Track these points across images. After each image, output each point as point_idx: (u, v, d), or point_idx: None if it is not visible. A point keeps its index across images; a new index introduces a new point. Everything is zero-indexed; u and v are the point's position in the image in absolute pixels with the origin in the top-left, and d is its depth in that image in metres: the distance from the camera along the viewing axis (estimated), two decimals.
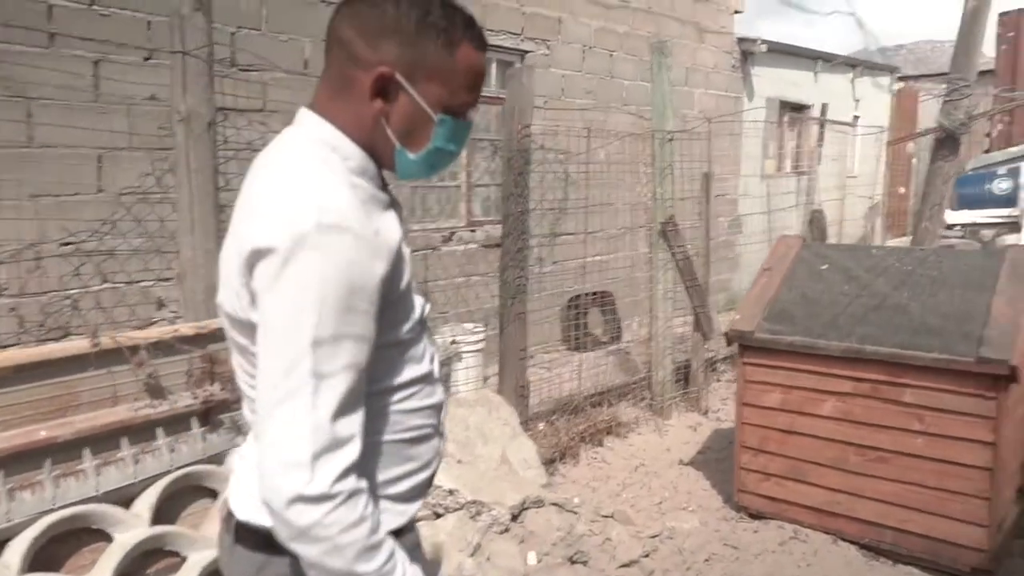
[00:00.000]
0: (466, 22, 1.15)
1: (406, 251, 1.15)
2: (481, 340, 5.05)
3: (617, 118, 6.66)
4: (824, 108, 10.11)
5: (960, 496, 3.08)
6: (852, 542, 3.36)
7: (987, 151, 9.85)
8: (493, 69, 6.16)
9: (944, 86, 3.91)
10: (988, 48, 10.14)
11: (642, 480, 4.13)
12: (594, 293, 6.72)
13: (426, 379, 1.20)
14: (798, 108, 10.40)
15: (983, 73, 11.12)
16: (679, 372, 5.37)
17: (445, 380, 4.71)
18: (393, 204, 1.18)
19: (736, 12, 8.68)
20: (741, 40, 8.77)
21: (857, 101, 12.23)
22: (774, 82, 9.79)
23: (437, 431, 1.24)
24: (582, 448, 4.37)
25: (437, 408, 1.24)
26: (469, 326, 5.10)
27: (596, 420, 4.52)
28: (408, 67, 1.11)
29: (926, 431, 3.14)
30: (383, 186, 1.17)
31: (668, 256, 4.92)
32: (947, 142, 3.83)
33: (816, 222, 6.30)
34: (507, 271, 3.89)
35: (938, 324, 3.14)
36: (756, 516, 3.62)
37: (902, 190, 14.04)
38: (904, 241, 10.19)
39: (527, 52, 6.34)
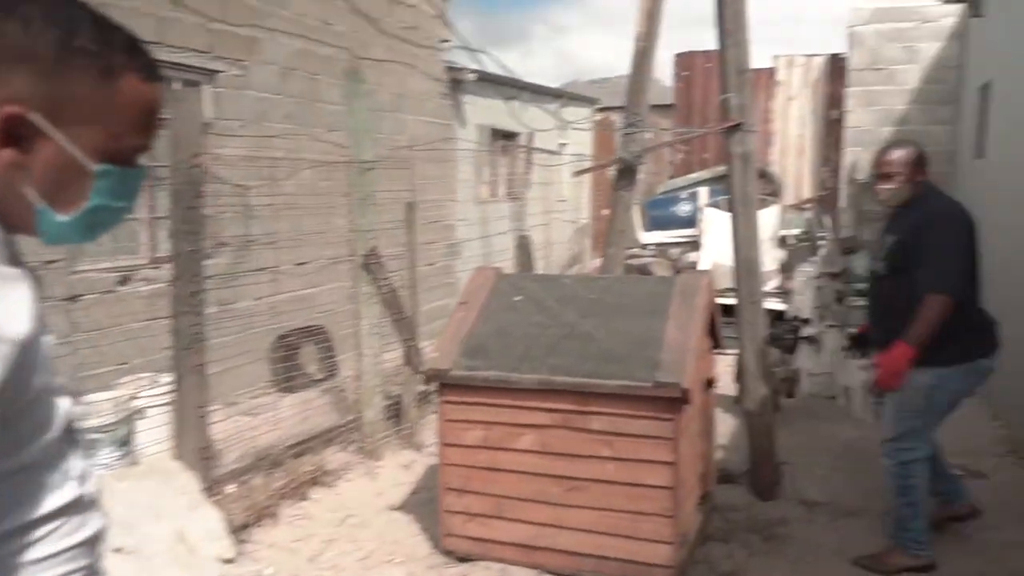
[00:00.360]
0: (128, 44, 0.90)
1: (44, 342, 0.87)
2: (168, 393, 4.47)
3: (321, 145, 6.36)
4: (531, 136, 10.59)
5: (648, 517, 3.18)
6: (556, 574, 3.34)
7: (671, 177, 10.90)
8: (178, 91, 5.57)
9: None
10: (669, 82, 11.32)
11: (349, 534, 3.84)
12: (306, 328, 6.35)
13: (70, 509, 0.92)
14: (509, 136, 10.82)
15: (667, 107, 12.45)
16: (392, 408, 5.17)
17: (124, 443, 4.08)
18: (27, 279, 0.85)
19: (444, 41, 8.78)
20: (451, 68, 8.89)
21: (563, 130, 13.04)
22: (485, 110, 10.08)
23: (92, 573, 0.95)
24: (283, 505, 3.99)
25: (90, 544, 0.95)
26: (152, 377, 4.50)
27: (299, 472, 4.16)
28: (49, 105, 0.85)
29: (616, 457, 3.20)
30: (14, 258, 0.86)
31: (374, 289, 4.71)
32: (627, 172, 3.99)
33: (523, 247, 6.44)
34: (180, 318, 3.43)
35: (622, 351, 3.23)
36: (463, 559, 3.49)
37: (606, 212, 15.30)
38: None
39: (217, 72, 5.83)
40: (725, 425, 5.49)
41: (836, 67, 9.66)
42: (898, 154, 3.45)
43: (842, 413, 5.81)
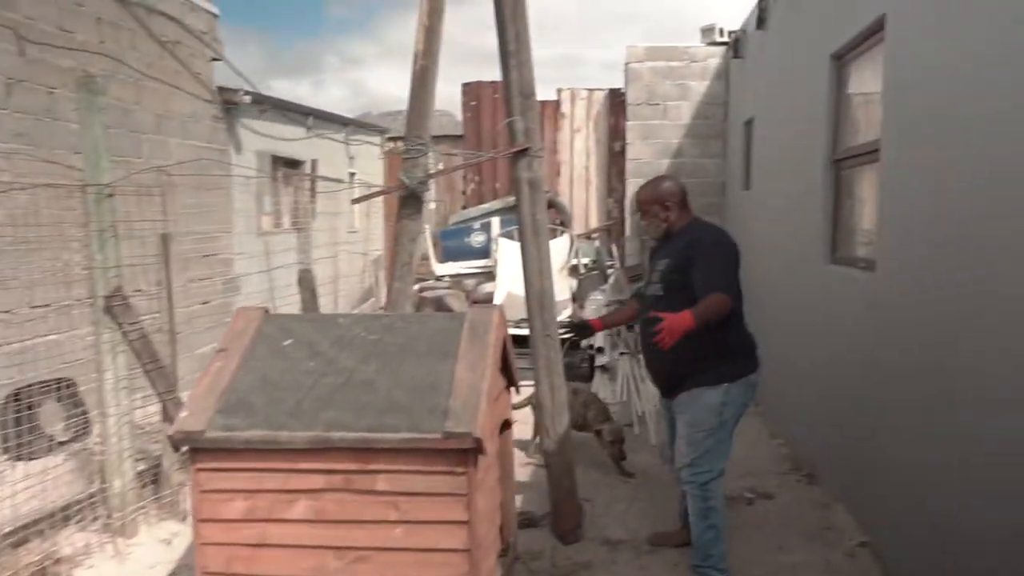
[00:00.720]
0: None
1: None
2: None
3: (63, 169, 5.48)
4: (314, 164, 10.03)
5: None
6: None
7: (464, 207, 10.77)
8: None
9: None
10: (459, 114, 11.23)
11: None
12: (48, 382, 5.39)
13: None
14: (293, 164, 10.18)
15: (460, 138, 12.36)
16: (150, 472, 4.44)
17: None
18: None
19: (214, 59, 8.05)
20: (223, 90, 8.17)
21: (352, 159, 12.56)
22: (265, 136, 9.40)
23: None
24: None
25: None
26: None
27: (17, 566, 3.38)
28: None
29: (404, 520, 2.81)
30: None
31: (120, 335, 4.01)
32: (410, 200, 3.66)
33: (305, 282, 5.91)
34: None
35: (406, 399, 2.86)
36: None
37: None
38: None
39: None
40: (525, 464, 5.27)
41: (616, 101, 10.03)
42: (646, 191, 3.69)
43: (639, 440, 5.81)
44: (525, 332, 8.21)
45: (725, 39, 9.27)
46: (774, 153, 6.59)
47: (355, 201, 4.57)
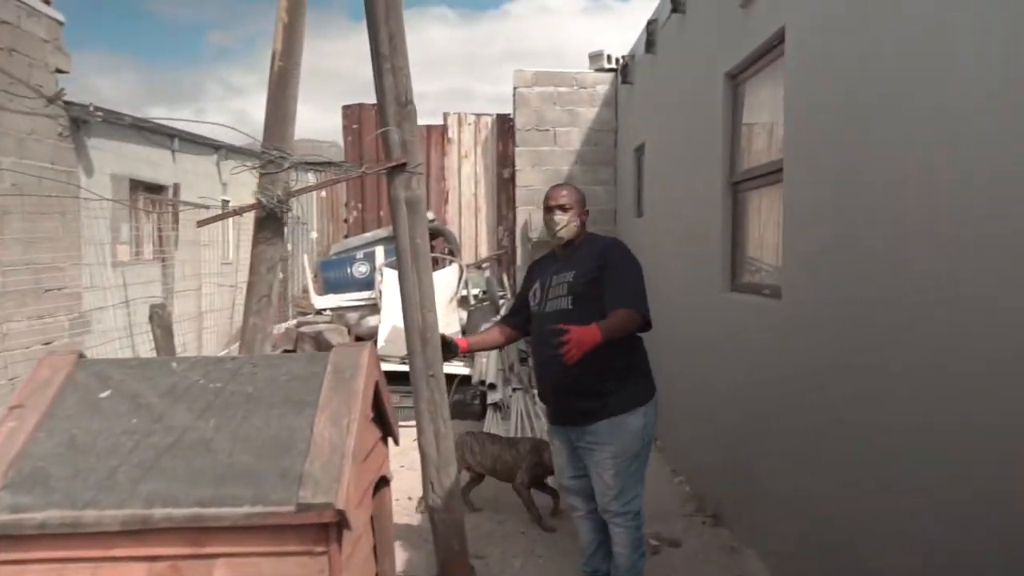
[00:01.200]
0: None
1: None
2: None
3: None
4: (176, 188, 9.21)
5: None
6: None
7: (347, 236, 10.17)
8: None
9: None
10: (339, 140, 10.64)
11: None
12: None
13: None
14: (155, 189, 9.32)
15: (341, 165, 11.76)
16: None
17: None
18: None
19: (59, 71, 7.22)
20: (70, 105, 7.33)
21: (225, 185, 11.74)
22: (122, 158, 8.54)
23: None
24: None
25: None
26: None
27: None
28: None
29: None
30: None
31: None
32: (268, 222, 3.13)
33: (157, 319, 5.21)
34: None
35: (251, 463, 2.32)
36: None
37: (281, 275, 14.08)
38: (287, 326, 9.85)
39: None
40: (410, 520, 4.75)
41: (505, 127, 9.73)
42: (569, 188, 3.47)
43: None
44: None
45: (613, 65, 9.15)
46: (667, 178, 6.39)
47: (201, 224, 3.96)
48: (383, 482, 3.10)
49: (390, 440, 3.04)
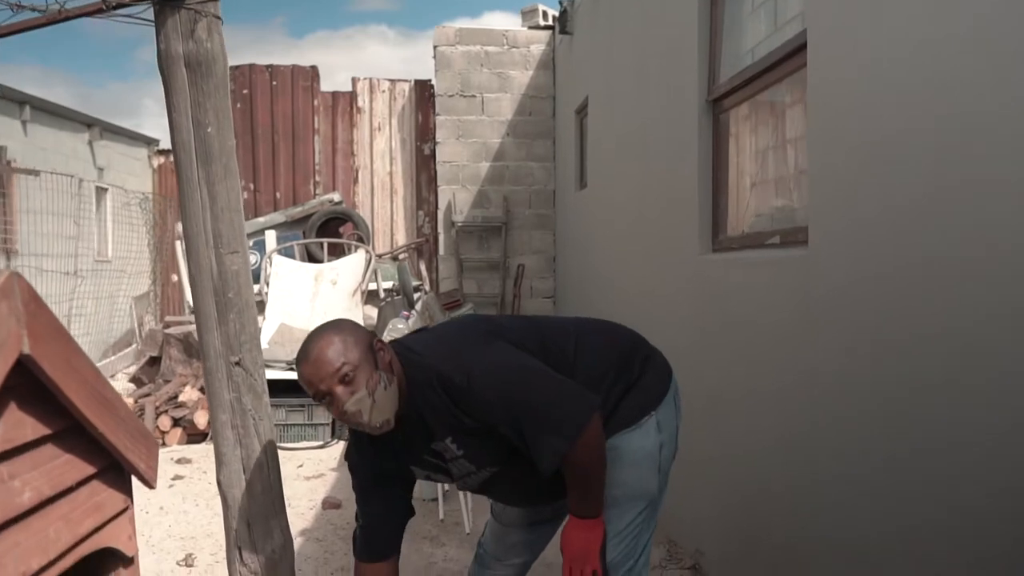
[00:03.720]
0: None
1: None
2: None
3: None
4: (1, 152, 7.48)
5: None
6: None
7: None
8: None
9: None
10: None
11: None
12: None
13: None
14: None
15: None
16: None
17: None
18: None
19: None
20: None
21: (101, 169, 10.04)
22: None
23: None
24: None
25: None
26: None
27: None
28: None
29: None
30: None
31: None
32: None
33: None
34: None
35: None
36: None
37: (175, 278, 12.30)
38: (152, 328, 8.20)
39: None
40: None
41: (425, 94, 8.35)
42: (333, 341, 1.74)
43: (446, 528, 3.95)
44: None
45: (549, 23, 7.87)
46: (618, 129, 5.08)
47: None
48: (112, 561, 1.64)
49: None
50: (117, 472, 1.62)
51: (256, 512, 2.04)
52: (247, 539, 2.03)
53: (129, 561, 1.66)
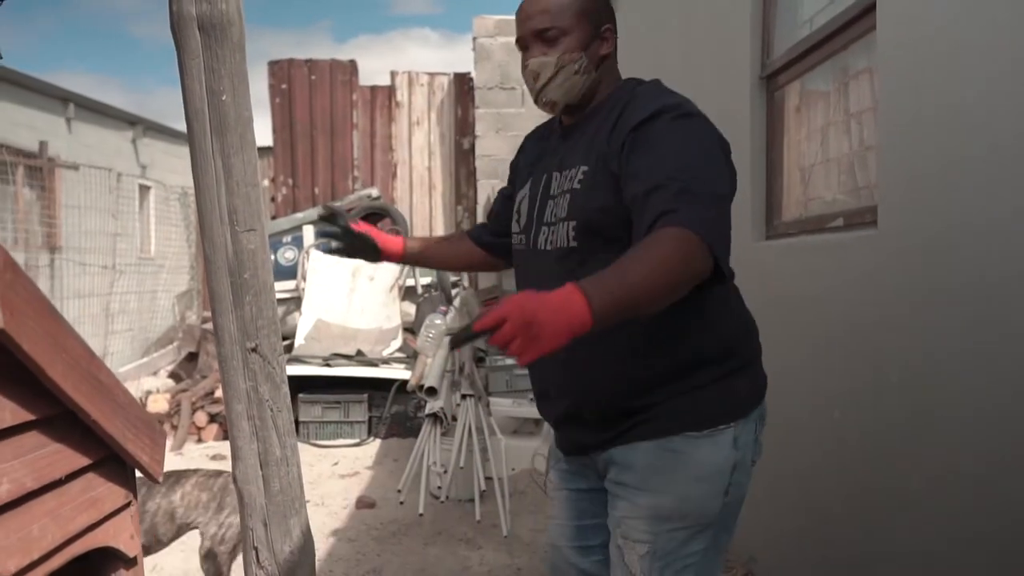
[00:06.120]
0: None
1: None
2: None
3: None
4: (43, 147, 7.50)
5: None
6: None
7: (274, 217, 8.57)
8: None
9: None
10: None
11: None
12: None
13: None
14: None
15: (266, 150, 10.06)
16: None
17: None
18: None
19: None
20: None
21: (144, 167, 10.11)
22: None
23: None
24: None
25: None
26: None
27: None
28: None
29: None
30: None
31: None
32: None
33: None
34: None
35: None
36: None
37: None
38: (190, 323, 8.21)
39: None
40: None
41: (464, 88, 8.21)
42: (559, 5, 1.57)
43: (483, 530, 3.80)
44: (341, 371, 6.12)
45: None
46: None
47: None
48: (112, 561, 1.51)
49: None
50: (117, 465, 1.49)
51: (274, 511, 1.89)
52: (264, 539, 1.89)
53: (132, 562, 1.53)
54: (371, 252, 1.97)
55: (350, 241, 1.96)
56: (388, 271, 6.80)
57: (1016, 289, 1.64)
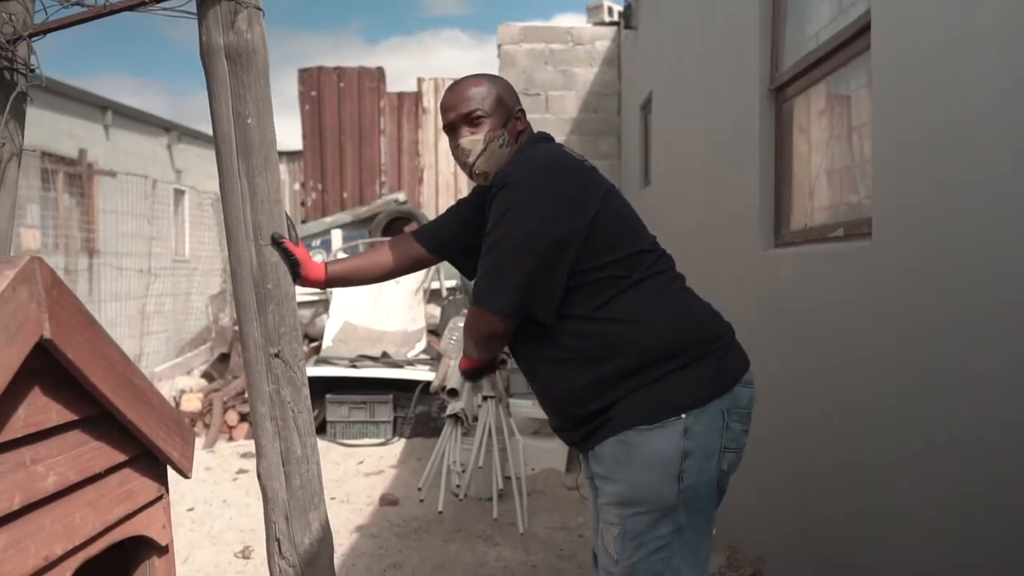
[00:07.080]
0: None
1: None
2: None
3: None
4: (82, 154, 7.80)
5: None
6: None
7: (304, 221, 8.77)
8: None
9: None
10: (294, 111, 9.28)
11: None
12: None
13: None
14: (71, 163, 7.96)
15: (295, 154, 10.30)
16: None
17: None
18: None
19: None
20: None
21: (179, 172, 10.39)
22: (32, 126, 7.20)
23: None
24: None
25: None
26: None
27: None
28: None
29: None
30: None
31: None
32: None
33: None
34: None
35: None
36: None
37: None
38: (223, 325, 8.44)
39: None
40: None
41: None
42: (479, 82, 1.93)
43: (504, 526, 3.91)
44: (367, 372, 6.27)
45: (615, 19, 7.76)
46: (681, 123, 4.95)
47: None
48: (145, 549, 1.65)
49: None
50: (151, 461, 1.63)
51: (295, 506, 2.03)
52: (286, 532, 2.03)
53: (163, 550, 1.67)
54: (294, 275, 2.02)
55: (284, 258, 1.99)
56: (415, 274, 6.95)
57: (1003, 297, 1.72)
